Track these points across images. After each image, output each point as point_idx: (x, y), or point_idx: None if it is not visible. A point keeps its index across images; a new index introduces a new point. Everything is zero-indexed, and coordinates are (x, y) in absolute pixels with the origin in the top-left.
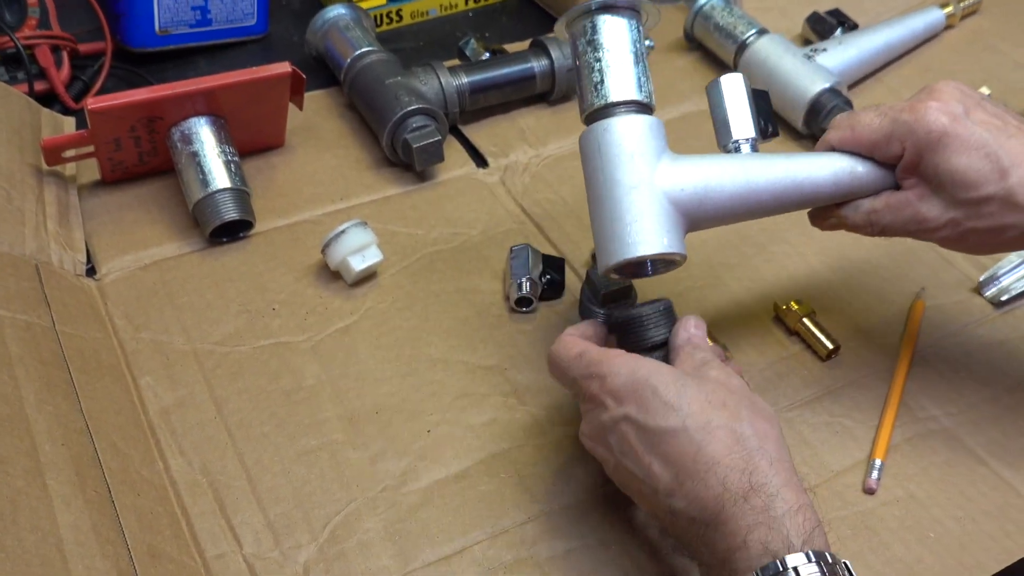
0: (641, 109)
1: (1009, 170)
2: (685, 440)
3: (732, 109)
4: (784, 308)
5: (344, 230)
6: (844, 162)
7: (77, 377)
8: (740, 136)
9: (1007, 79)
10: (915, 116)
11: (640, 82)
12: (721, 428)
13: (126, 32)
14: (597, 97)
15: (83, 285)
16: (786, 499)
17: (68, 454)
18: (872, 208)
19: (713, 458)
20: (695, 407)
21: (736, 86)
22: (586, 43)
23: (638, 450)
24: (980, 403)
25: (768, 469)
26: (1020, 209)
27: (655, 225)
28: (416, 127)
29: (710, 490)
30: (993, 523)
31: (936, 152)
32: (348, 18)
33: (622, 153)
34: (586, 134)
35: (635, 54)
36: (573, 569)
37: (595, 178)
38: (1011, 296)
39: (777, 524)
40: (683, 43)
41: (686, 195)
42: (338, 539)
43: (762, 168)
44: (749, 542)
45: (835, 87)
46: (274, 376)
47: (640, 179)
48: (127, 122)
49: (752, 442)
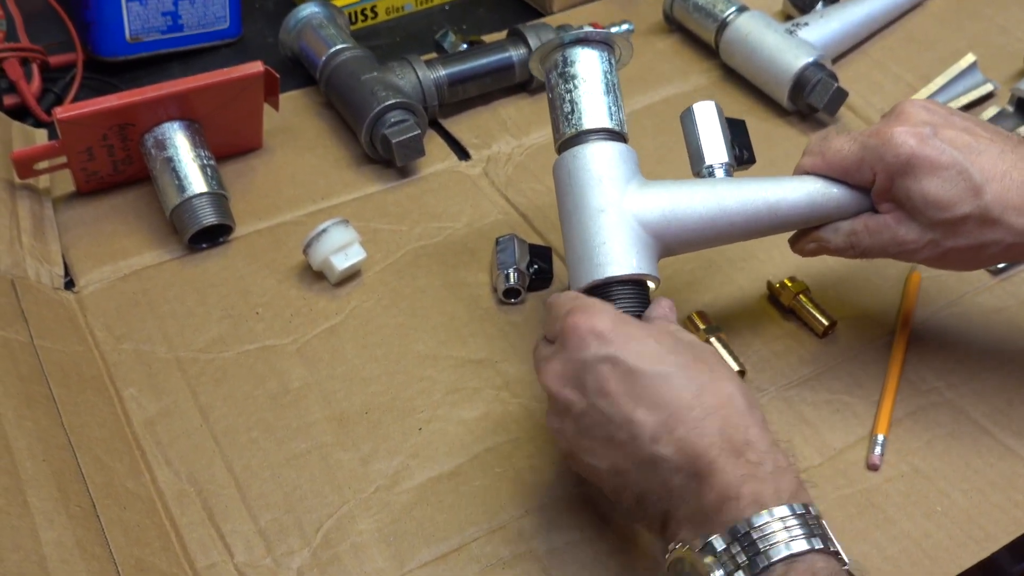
0: (612, 137)
1: (982, 187)
2: (680, 384)
3: (705, 135)
4: (778, 286)
5: (325, 229)
6: (819, 184)
7: (57, 392)
8: (713, 161)
9: (993, 44)
10: (882, 141)
11: (611, 111)
12: (713, 383)
13: (96, 41)
14: (568, 126)
15: (61, 298)
16: (776, 459)
17: (50, 470)
18: (852, 230)
19: (710, 407)
20: (688, 359)
21: (708, 113)
22: (558, 75)
23: (617, 392)
24: (982, 372)
25: (760, 428)
26: (998, 225)
27: (624, 247)
28: (394, 122)
29: (705, 438)
30: (1001, 494)
31: (906, 176)
32: (321, 16)
33: (591, 178)
34: (558, 162)
35: (606, 84)
36: (573, 561)
37: (565, 203)
38: (1008, 263)
39: (771, 480)
40: (663, 25)
41: (655, 217)
42: (331, 543)
43: (734, 191)
44: (742, 493)
45: (819, 61)
46: (260, 380)
47: (608, 202)
48: (98, 130)
49: (741, 402)
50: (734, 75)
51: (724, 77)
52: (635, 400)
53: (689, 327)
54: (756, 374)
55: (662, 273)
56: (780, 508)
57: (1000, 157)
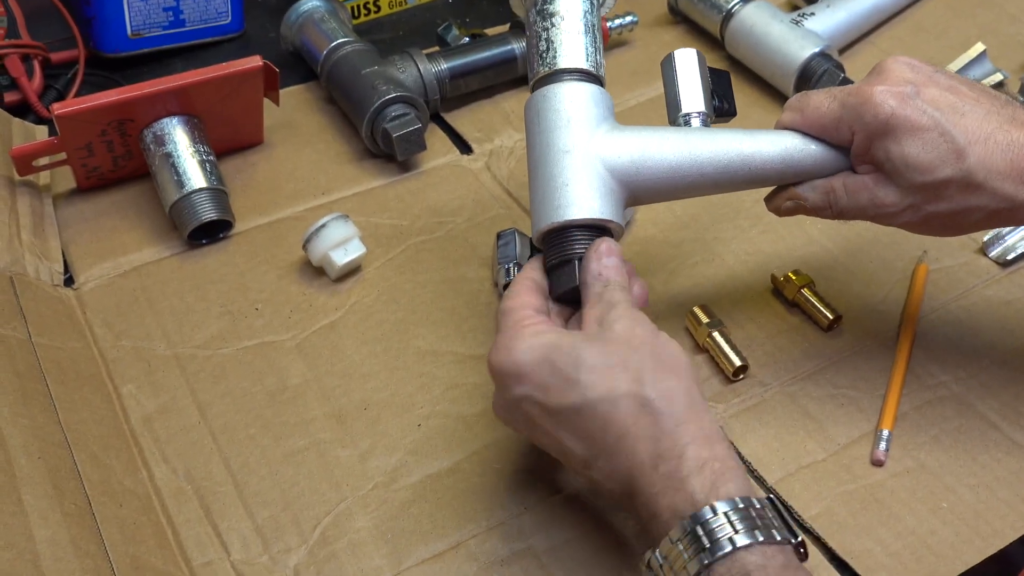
0: (586, 78)
1: (965, 150)
2: (589, 415)
3: (683, 83)
4: (782, 279)
5: (324, 224)
6: (796, 140)
7: (55, 389)
8: (690, 110)
9: (1003, 33)
10: (862, 100)
11: (587, 52)
12: (624, 397)
13: (98, 37)
14: (542, 65)
15: (60, 295)
16: (691, 458)
17: (45, 467)
18: (830, 187)
19: (621, 430)
20: (595, 377)
21: (688, 60)
22: (536, 12)
23: (545, 426)
24: (990, 366)
25: (675, 431)
26: (981, 190)
27: (587, 190)
28: (395, 116)
29: (622, 462)
30: (1008, 489)
31: (886, 137)
32: (323, 10)
33: (559, 118)
34: (529, 101)
35: (586, 24)
36: (572, 558)
37: (532, 144)
38: (1017, 255)
39: (683, 485)
40: (668, 17)
41: (623, 162)
42: (328, 540)
43: (707, 141)
44: (660, 510)
45: (825, 51)
46: (259, 377)
47: (575, 144)
48: (97, 126)
49: (658, 405)
50: (740, 66)
51: (730, 68)
52: (562, 431)
53: (691, 321)
54: (759, 368)
55: (665, 264)
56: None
57: (985, 118)
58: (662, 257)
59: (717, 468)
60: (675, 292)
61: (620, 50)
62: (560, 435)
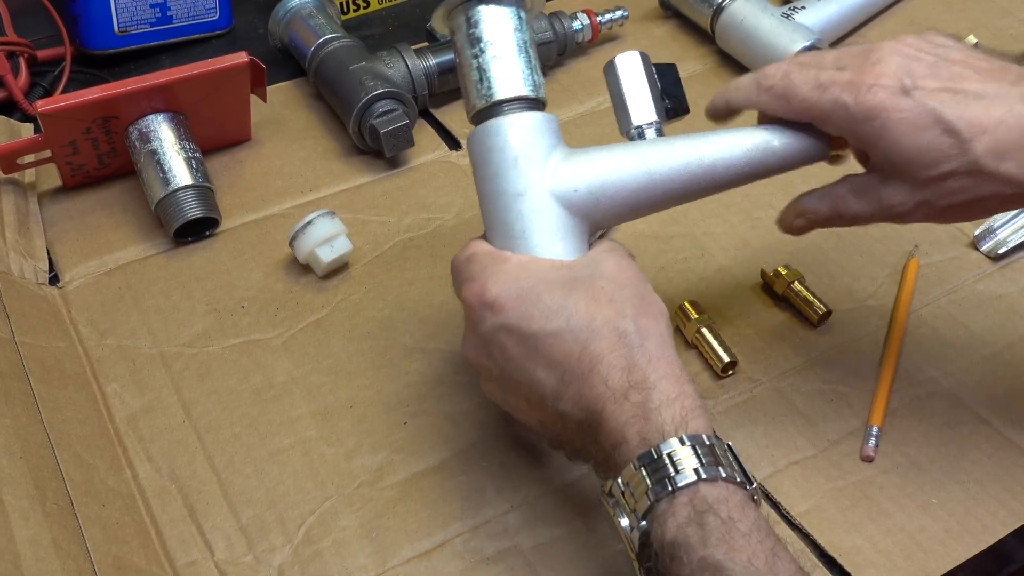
0: (528, 105)
1: (970, 142)
2: (570, 340)
3: (630, 92)
4: (771, 274)
5: (311, 221)
6: (758, 139)
7: (38, 388)
8: (641, 122)
9: (995, 27)
10: (855, 97)
11: (524, 75)
12: (605, 325)
13: (85, 34)
14: (479, 98)
15: (45, 294)
16: (663, 391)
17: (27, 467)
18: (836, 193)
19: (596, 356)
20: (580, 306)
21: (632, 66)
22: (465, 38)
23: (519, 357)
24: (981, 361)
25: (647, 366)
26: (992, 178)
27: (546, 235)
28: (383, 112)
29: (593, 389)
30: (998, 485)
31: (883, 137)
32: (311, 6)
33: (505, 158)
34: (471, 138)
35: (518, 44)
36: (559, 556)
37: (482, 189)
38: (1008, 249)
39: (653, 416)
40: (659, 11)
41: (580, 196)
42: (313, 539)
43: (665, 155)
44: (628, 436)
45: (816, 45)
46: (244, 375)
47: (527, 185)
48: (81, 123)
49: (633, 338)
50: (731, 61)
51: (721, 63)
52: (534, 361)
53: (680, 317)
54: (749, 364)
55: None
56: (667, 443)
57: (993, 103)
58: (651, 252)
59: (688, 404)
60: (664, 288)
61: (610, 45)
62: (533, 364)
